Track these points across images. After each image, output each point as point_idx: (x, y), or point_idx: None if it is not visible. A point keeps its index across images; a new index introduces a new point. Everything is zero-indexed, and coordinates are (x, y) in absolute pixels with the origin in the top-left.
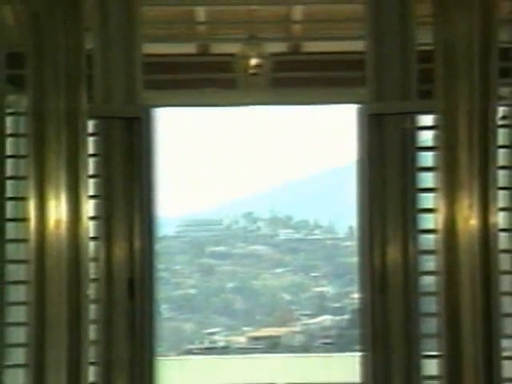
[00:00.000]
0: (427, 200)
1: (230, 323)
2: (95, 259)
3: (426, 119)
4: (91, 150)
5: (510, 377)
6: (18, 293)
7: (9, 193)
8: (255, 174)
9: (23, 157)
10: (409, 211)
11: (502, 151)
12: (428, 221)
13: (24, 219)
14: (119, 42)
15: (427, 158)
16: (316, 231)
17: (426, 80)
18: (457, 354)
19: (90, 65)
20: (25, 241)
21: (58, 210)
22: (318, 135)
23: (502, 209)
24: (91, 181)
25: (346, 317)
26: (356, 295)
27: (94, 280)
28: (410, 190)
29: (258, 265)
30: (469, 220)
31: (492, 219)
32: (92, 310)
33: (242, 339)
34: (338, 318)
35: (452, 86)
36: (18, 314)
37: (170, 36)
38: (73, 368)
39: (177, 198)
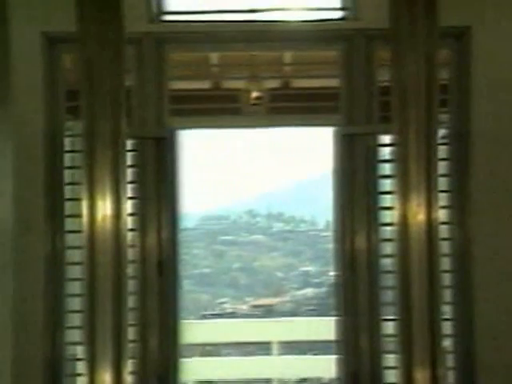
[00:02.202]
0: (386, 200)
1: (236, 295)
2: (132, 246)
3: (386, 138)
4: (129, 162)
5: (448, 334)
6: (74, 271)
7: (67, 195)
8: (255, 181)
9: (78, 168)
10: (372, 209)
11: (441, 163)
12: (387, 216)
13: (78, 215)
14: (151, 80)
15: (386, 168)
16: (301, 224)
17: (385, 108)
18: (408, 317)
19: (129, 98)
20: (79, 232)
21: (104, 208)
22: (303, 151)
23: (442, 207)
24: (129, 185)
25: (324, 289)
26: (332, 273)
27: (132, 262)
28: (373, 193)
29: (257, 250)
30: (417, 216)
31: (434, 215)
32: (130, 285)
33: (245, 307)
34: (318, 290)
35: (404, 113)
36: (75, 287)
37: (190, 75)
38: (116, 329)
39: (195, 199)
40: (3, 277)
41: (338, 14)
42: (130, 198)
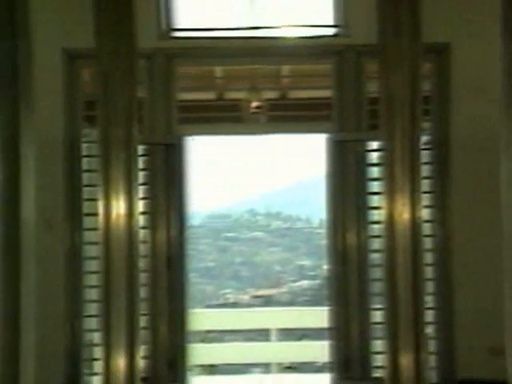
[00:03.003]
0: (374, 200)
1: (238, 286)
2: (144, 242)
3: (374, 144)
4: (141, 166)
5: (430, 321)
6: (92, 265)
7: (85, 196)
8: (255, 183)
9: (94, 171)
10: (362, 208)
11: (424, 167)
12: (375, 215)
13: (95, 214)
14: (161, 91)
15: (374, 172)
16: (298, 222)
17: (373, 117)
18: (394, 307)
19: (140, 107)
20: (96, 229)
21: (118, 207)
22: (299, 156)
23: (425, 206)
24: (141, 187)
25: (318, 281)
26: (325, 266)
27: (143, 256)
28: (362, 194)
29: (257, 246)
30: (403, 214)
31: (418, 214)
32: (142, 277)
33: (246, 297)
34: (312, 282)
35: (391, 121)
36: (92, 279)
37: (196, 86)
38: (129, 316)
39: (201, 199)
40: (27, 271)
41: (331, 31)
42: (142, 198)
